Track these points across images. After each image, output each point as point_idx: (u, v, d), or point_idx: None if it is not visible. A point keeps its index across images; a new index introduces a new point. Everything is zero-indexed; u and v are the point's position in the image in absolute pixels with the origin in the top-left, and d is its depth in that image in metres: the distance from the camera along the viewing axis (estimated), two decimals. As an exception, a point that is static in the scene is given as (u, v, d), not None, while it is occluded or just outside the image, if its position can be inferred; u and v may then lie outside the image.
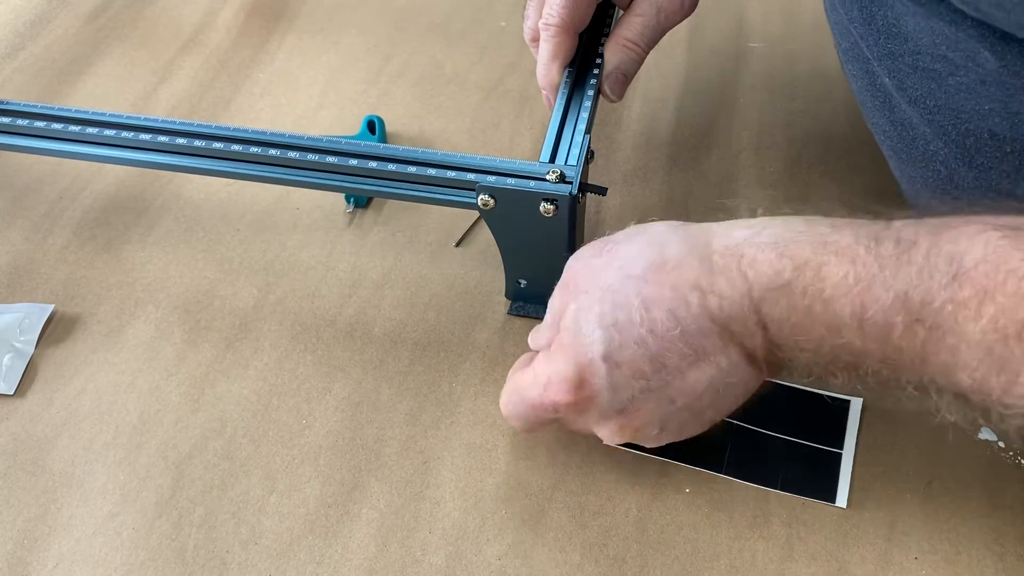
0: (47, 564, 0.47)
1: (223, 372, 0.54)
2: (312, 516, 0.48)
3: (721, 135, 0.68)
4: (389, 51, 0.76)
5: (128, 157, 0.56)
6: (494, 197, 0.50)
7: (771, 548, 0.46)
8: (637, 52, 0.55)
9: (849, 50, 0.54)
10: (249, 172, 0.54)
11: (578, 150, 0.52)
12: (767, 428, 0.50)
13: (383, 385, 0.53)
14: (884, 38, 0.49)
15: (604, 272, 0.43)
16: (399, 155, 0.53)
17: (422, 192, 0.52)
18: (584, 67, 0.57)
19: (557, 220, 0.50)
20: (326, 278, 0.59)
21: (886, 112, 0.52)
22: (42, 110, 0.58)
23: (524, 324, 0.56)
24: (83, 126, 0.56)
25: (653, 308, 0.41)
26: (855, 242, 0.38)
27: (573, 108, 0.55)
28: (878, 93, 0.52)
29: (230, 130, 0.55)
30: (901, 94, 0.49)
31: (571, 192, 0.49)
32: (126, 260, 0.61)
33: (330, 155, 0.53)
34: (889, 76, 0.50)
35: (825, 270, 0.38)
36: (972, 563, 0.45)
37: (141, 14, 0.81)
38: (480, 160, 0.52)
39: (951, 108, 0.47)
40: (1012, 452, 0.48)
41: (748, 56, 0.74)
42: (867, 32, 0.50)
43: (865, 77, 0.53)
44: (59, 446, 0.51)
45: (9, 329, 0.56)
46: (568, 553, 0.46)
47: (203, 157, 0.55)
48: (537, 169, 0.50)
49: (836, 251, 0.38)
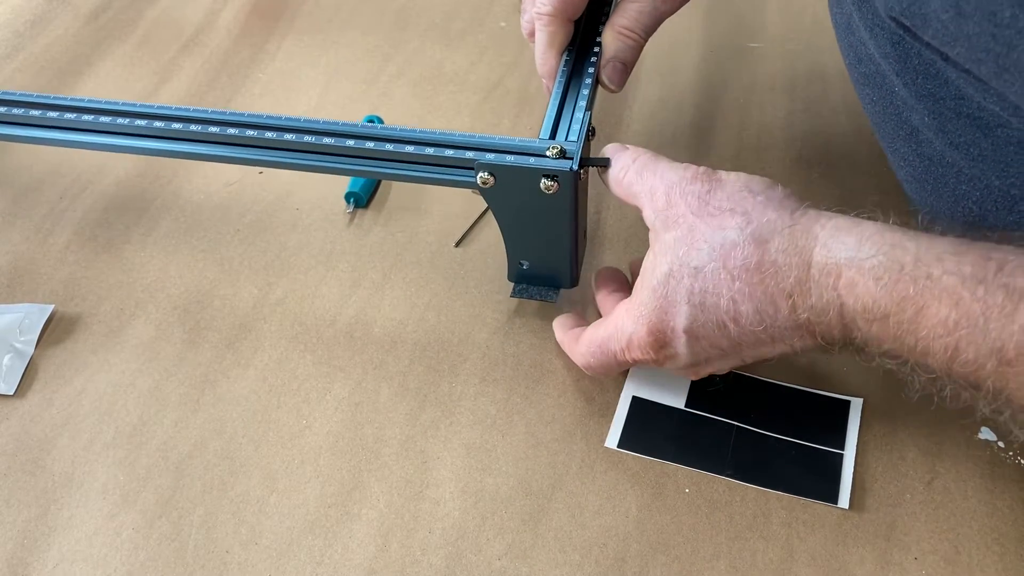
0: (47, 564, 0.47)
1: (223, 372, 0.54)
2: (312, 516, 0.48)
3: (721, 135, 0.68)
4: (389, 51, 0.76)
5: (141, 146, 0.55)
6: (493, 175, 0.49)
7: (771, 548, 0.46)
8: (634, 39, 0.55)
9: (871, 77, 0.52)
10: (244, 156, 0.54)
11: (579, 126, 0.51)
12: (768, 429, 0.50)
13: (383, 385, 0.53)
14: (923, 78, 0.47)
15: (703, 234, 0.44)
16: (396, 135, 0.52)
17: (421, 172, 0.51)
18: (583, 52, 0.56)
19: (559, 197, 0.49)
20: (326, 278, 0.59)
21: (913, 145, 0.50)
22: (54, 100, 0.57)
23: (524, 324, 0.56)
24: (96, 115, 0.56)
25: (742, 304, 0.43)
26: (960, 284, 0.37)
27: (573, 87, 0.54)
28: (904, 125, 0.50)
29: (245, 116, 0.54)
30: (940, 136, 0.48)
31: (572, 167, 0.48)
32: (126, 260, 0.61)
33: (328, 136, 0.52)
34: (930, 116, 0.48)
35: (926, 311, 0.38)
36: (972, 563, 0.45)
37: (141, 14, 0.81)
38: (479, 138, 0.51)
39: (998, 162, 0.46)
40: (1012, 452, 0.48)
41: (748, 56, 0.74)
42: (903, 69, 0.48)
43: (890, 109, 0.51)
44: (59, 446, 0.51)
45: (9, 329, 0.56)
46: (568, 553, 0.46)
47: (214, 144, 0.54)
48: (537, 146, 0.50)
49: (939, 293, 0.38)
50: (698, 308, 0.43)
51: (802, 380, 0.52)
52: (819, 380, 0.52)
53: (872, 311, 0.39)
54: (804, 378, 0.52)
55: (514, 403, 0.52)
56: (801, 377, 0.52)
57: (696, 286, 0.43)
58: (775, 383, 0.52)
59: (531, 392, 0.53)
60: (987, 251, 0.38)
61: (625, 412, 0.51)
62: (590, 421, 0.51)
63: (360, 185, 0.63)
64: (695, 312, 0.43)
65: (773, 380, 0.52)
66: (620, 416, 0.51)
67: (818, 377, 0.52)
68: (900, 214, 0.42)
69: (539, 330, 0.55)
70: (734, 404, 0.51)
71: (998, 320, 0.36)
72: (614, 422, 0.51)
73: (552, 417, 0.52)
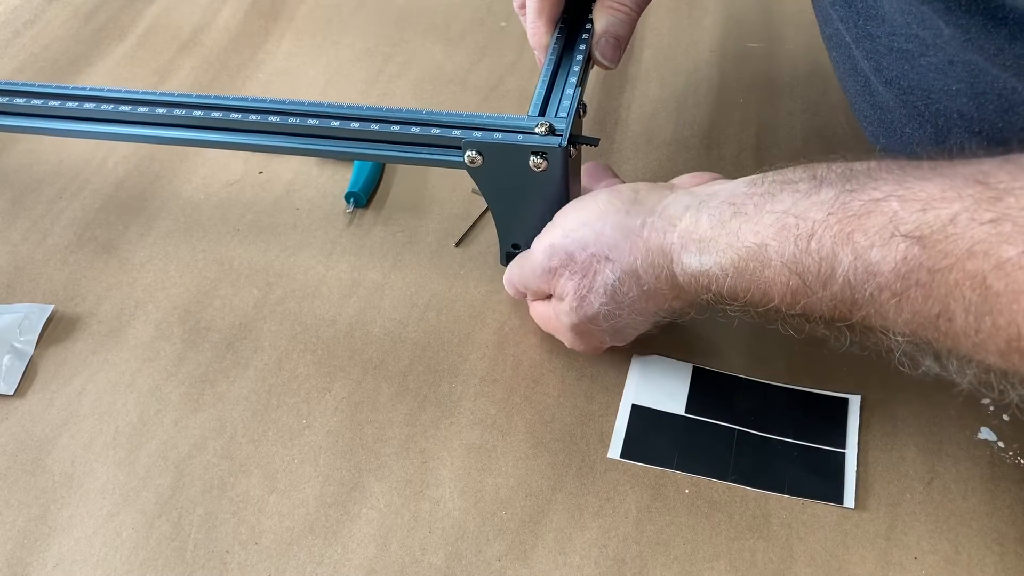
0: (47, 564, 0.47)
1: (223, 372, 0.54)
2: (312, 516, 0.48)
3: (721, 135, 0.68)
4: (389, 51, 0.76)
5: (144, 134, 0.55)
6: (481, 154, 0.49)
7: (771, 548, 0.46)
8: (626, 12, 0.54)
9: (832, 36, 0.53)
10: (230, 140, 0.54)
11: (568, 103, 0.50)
12: (768, 432, 0.50)
13: (383, 385, 0.53)
14: (863, 19, 0.48)
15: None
16: (382, 115, 0.51)
17: (407, 153, 0.51)
18: (575, 28, 0.55)
19: (548, 175, 0.48)
20: (326, 278, 0.59)
21: (866, 96, 0.51)
22: (56, 90, 0.57)
23: (524, 324, 0.56)
24: (98, 103, 0.56)
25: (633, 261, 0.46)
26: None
27: (564, 63, 0.53)
28: (859, 77, 0.51)
29: (248, 100, 0.54)
30: (877, 76, 0.48)
31: (561, 144, 0.47)
32: (126, 260, 0.61)
33: (312, 118, 0.52)
34: (867, 58, 0.49)
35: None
36: (972, 563, 0.45)
37: (141, 14, 0.81)
38: (466, 116, 0.50)
39: (923, 89, 0.46)
40: (1012, 452, 0.48)
41: (748, 56, 0.74)
42: (847, 15, 0.49)
43: (847, 62, 0.52)
44: (59, 446, 0.51)
45: (9, 329, 0.56)
46: (568, 554, 0.46)
47: (218, 130, 0.54)
48: (525, 123, 0.49)
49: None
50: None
51: (798, 380, 0.52)
52: (816, 379, 0.52)
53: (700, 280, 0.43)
54: (800, 377, 0.52)
55: (514, 403, 0.52)
56: (797, 376, 0.52)
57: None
58: (772, 384, 0.52)
59: (531, 392, 0.53)
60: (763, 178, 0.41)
61: (625, 421, 0.51)
62: (590, 421, 0.51)
63: (360, 185, 0.63)
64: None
65: (770, 381, 0.52)
66: (620, 426, 0.51)
67: (815, 376, 0.52)
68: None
69: (539, 330, 0.55)
70: (733, 407, 0.51)
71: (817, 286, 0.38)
72: (615, 432, 0.50)
73: (552, 417, 0.52)
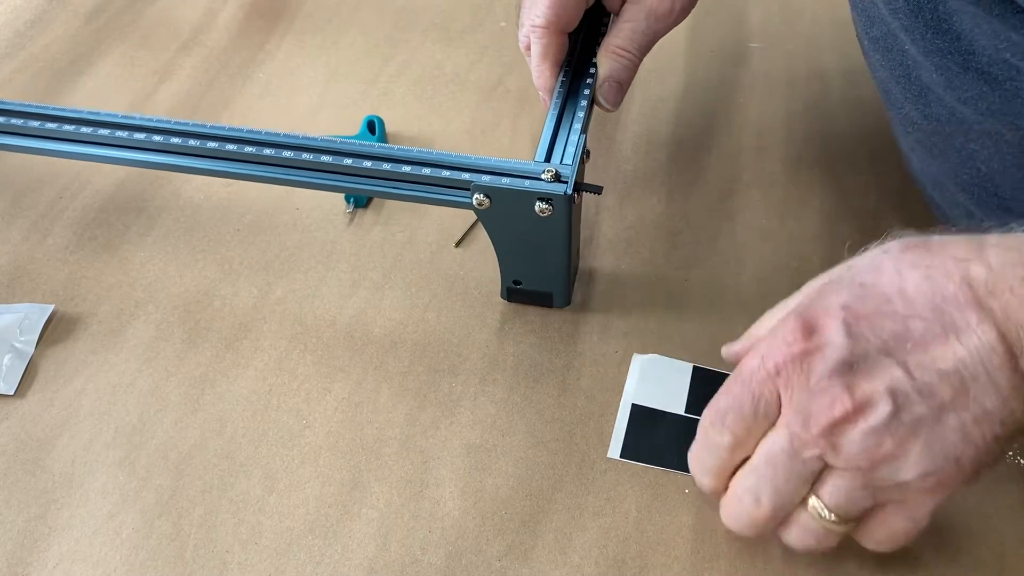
0: (47, 564, 0.47)
1: (223, 372, 0.54)
2: (312, 516, 0.48)
3: (721, 135, 0.68)
4: (389, 51, 0.76)
5: (123, 157, 0.56)
6: (489, 197, 0.50)
7: (771, 548, 0.46)
8: (628, 58, 0.55)
9: (881, 39, 0.52)
10: (245, 172, 0.54)
11: (574, 149, 0.52)
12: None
13: (383, 385, 0.53)
14: (932, 33, 0.47)
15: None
16: (395, 155, 0.52)
17: (418, 192, 0.52)
18: (580, 72, 0.57)
19: (553, 220, 0.50)
20: (326, 278, 0.59)
21: (921, 106, 0.50)
22: (37, 109, 0.57)
23: (524, 324, 0.56)
24: (77, 125, 0.56)
25: (907, 274, 0.38)
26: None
27: (569, 108, 0.55)
28: (913, 86, 0.50)
29: (225, 129, 0.54)
30: (949, 93, 0.48)
31: (566, 191, 0.49)
32: (126, 260, 0.61)
33: (325, 154, 0.53)
34: (938, 72, 0.48)
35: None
36: (972, 563, 0.45)
37: (141, 14, 0.81)
38: (475, 160, 0.51)
39: (1006, 113, 0.46)
40: (1012, 452, 0.48)
41: (748, 56, 0.74)
42: (913, 24, 0.48)
43: (899, 70, 0.51)
44: (59, 446, 0.51)
45: (9, 329, 0.56)
46: (568, 554, 0.46)
47: (198, 157, 0.54)
48: (532, 168, 0.50)
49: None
50: (858, 288, 0.38)
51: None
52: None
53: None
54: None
55: (514, 403, 0.52)
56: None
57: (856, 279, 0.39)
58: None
59: (531, 392, 0.53)
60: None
61: (625, 421, 0.51)
62: (590, 421, 0.51)
63: (360, 185, 0.63)
64: (855, 291, 0.38)
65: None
66: (620, 426, 0.51)
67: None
68: (900, 221, 0.42)
69: (539, 330, 0.55)
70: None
71: None
72: (615, 432, 0.51)
73: (552, 417, 0.52)
